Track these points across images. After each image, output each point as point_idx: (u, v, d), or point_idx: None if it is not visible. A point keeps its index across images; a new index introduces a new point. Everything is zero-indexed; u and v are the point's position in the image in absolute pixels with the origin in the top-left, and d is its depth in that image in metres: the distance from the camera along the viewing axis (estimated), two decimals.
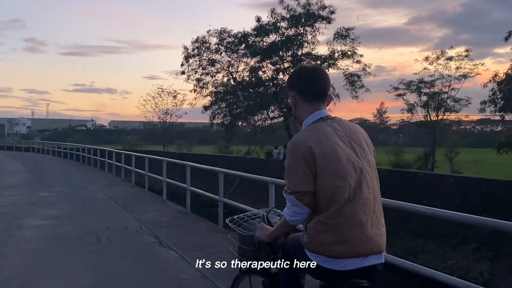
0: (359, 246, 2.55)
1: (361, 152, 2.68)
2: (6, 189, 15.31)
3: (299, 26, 33.89)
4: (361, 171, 2.61)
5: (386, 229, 2.77)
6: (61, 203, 12.58)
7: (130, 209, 11.72)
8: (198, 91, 36.93)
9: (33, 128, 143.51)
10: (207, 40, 36.08)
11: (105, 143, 66.43)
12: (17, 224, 9.54)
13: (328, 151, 2.57)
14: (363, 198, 2.58)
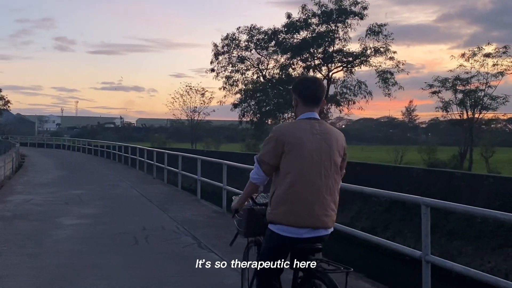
0: (306, 220, 3.27)
1: (327, 150, 3.36)
2: (40, 187, 15.25)
3: (331, 22, 33.28)
4: (318, 162, 3.32)
5: None
6: (95, 201, 12.40)
7: (165, 208, 11.47)
8: (227, 88, 36.68)
9: (63, 125, 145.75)
10: (236, 37, 35.82)
11: (133, 141, 66.79)
12: (52, 223, 9.35)
13: (296, 141, 3.30)
14: (315, 183, 3.30)
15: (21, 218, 9.74)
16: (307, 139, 3.32)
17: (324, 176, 3.33)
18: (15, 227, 8.80)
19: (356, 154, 48.32)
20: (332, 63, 33.84)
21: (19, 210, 10.69)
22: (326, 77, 34.16)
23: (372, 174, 21.32)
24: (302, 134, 3.34)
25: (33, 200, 12.22)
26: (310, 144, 3.32)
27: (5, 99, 75.34)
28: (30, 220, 9.54)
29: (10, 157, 19.45)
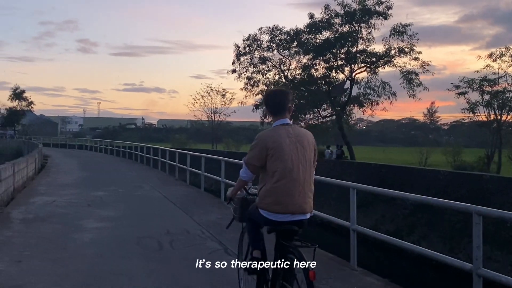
0: (289, 207, 3.96)
1: (301, 150, 4.03)
2: (63, 188, 15.14)
3: (354, 22, 32.74)
4: (297, 161, 3.99)
5: None
6: (117, 203, 12.21)
7: (189, 211, 11.21)
8: (248, 89, 36.40)
9: (85, 126, 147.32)
10: (258, 37, 35.50)
11: (153, 141, 66.99)
12: (75, 226, 9.15)
13: (276, 146, 3.98)
14: (294, 178, 3.97)
15: (43, 220, 9.56)
16: (284, 143, 4.03)
17: (302, 171, 4.05)
18: (38, 230, 8.62)
19: (378, 156, 47.73)
20: (355, 64, 33.29)
21: (42, 212, 10.53)
22: (349, 77, 33.66)
23: (397, 176, 20.80)
24: (280, 139, 4.04)
25: (56, 202, 12.07)
26: (288, 147, 4.02)
27: (28, 100, 76.30)
28: (52, 223, 9.36)
29: (33, 157, 19.41)
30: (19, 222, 9.33)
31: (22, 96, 75.60)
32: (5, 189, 11.90)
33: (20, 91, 75.62)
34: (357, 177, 21.10)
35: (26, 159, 16.84)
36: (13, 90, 75.46)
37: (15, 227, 8.85)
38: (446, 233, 16.97)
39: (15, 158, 37.20)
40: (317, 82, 34.44)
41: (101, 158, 34.67)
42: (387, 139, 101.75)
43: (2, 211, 10.46)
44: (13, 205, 11.46)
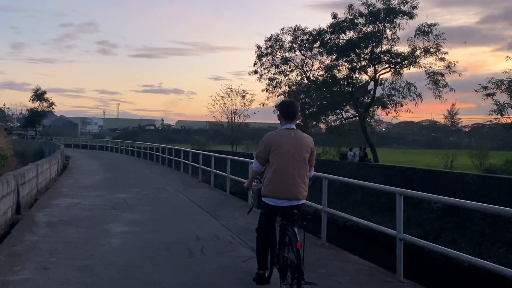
0: (284, 194, 5.02)
1: (298, 149, 5.09)
2: (86, 190, 14.89)
3: (378, 22, 32.13)
4: (293, 158, 5.06)
5: None
6: (142, 206, 11.89)
7: (216, 215, 10.83)
8: (270, 90, 35.95)
9: (105, 127, 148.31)
10: (280, 38, 35.05)
11: (172, 142, 66.97)
12: (101, 230, 8.83)
13: (277, 144, 5.08)
14: (289, 171, 5.04)
15: (68, 224, 9.26)
16: (284, 143, 5.11)
17: (296, 167, 5.09)
18: (63, 235, 8.30)
19: (398, 158, 46.93)
20: (379, 64, 32.66)
21: (66, 215, 10.24)
22: (372, 78, 33.05)
23: (423, 179, 20.21)
24: (281, 139, 5.14)
25: (80, 204, 11.79)
26: (286, 146, 5.09)
27: (49, 101, 76.89)
28: (77, 227, 9.04)
29: (56, 158, 19.26)
30: (44, 225, 9.03)
31: (43, 97, 76.21)
32: (29, 191, 11.66)
33: (41, 92, 76.24)
34: (381, 180, 20.55)
35: (49, 160, 16.66)
36: (34, 91, 76.17)
37: (40, 231, 8.55)
38: (474, 238, 16.39)
39: (36, 158, 37.34)
40: (340, 83, 33.87)
41: (122, 159, 34.57)
42: (407, 141, 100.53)
43: (26, 213, 10.20)
44: (36, 207, 11.20)
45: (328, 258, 7.33)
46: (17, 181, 9.97)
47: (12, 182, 9.42)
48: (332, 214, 8.74)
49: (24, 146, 46.07)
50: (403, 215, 6.41)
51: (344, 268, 6.83)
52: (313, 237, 8.90)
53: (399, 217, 6.38)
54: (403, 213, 6.45)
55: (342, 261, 7.21)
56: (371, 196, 22.59)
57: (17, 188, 9.93)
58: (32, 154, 43.02)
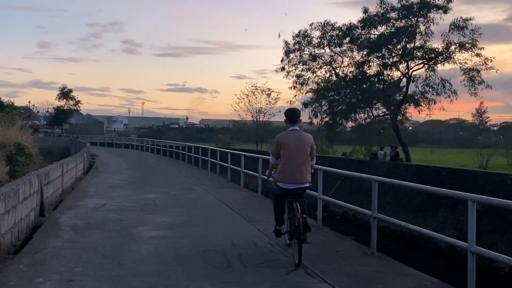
0: (292, 180, 6.76)
1: (301, 146, 6.81)
2: (113, 189, 14.33)
3: (411, 16, 30.98)
4: (297, 152, 6.76)
5: None
6: (171, 208, 11.24)
7: (250, 218, 10.12)
8: (298, 88, 35.05)
9: (130, 125, 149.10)
10: (309, 33, 34.12)
11: (196, 141, 66.59)
12: (129, 235, 8.17)
13: (285, 142, 6.80)
14: (296, 162, 6.74)
15: (95, 228, 8.63)
16: (290, 141, 6.83)
17: (301, 158, 6.81)
18: (89, 240, 7.67)
19: (427, 157, 45.48)
20: (412, 60, 31.51)
21: (93, 217, 9.63)
22: (405, 75, 31.90)
23: (459, 180, 19.19)
24: (288, 139, 6.87)
25: (107, 205, 11.20)
26: (292, 144, 6.81)
27: (76, 99, 77.36)
28: (105, 231, 8.41)
29: (82, 157, 18.79)
30: (68, 229, 8.42)
31: (70, 95, 76.73)
32: (53, 191, 11.11)
33: (68, 90, 76.78)
34: (414, 181, 19.59)
35: (75, 158, 16.16)
36: (60, 89, 76.71)
37: (65, 235, 7.94)
38: None
39: (62, 156, 37.15)
40: (370, 80, 32.80)
41: (148, 157, 34.18)
42: (434, 140, 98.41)
43: (50, 215, 9.62)
44: (61, 208, 10.62)
45: (382, 271, 6.54)
46: (41, 181, 9.40)
47: (36, 182, 8.85)
48: (383, 221, 7.92)
49: (50, 144, 46.12)
50: (439, 217, 5.58)
51: (404, 283, 6.02)
52: (360, 245, 8.12)
53: (471, 227, 5.53)
54: (474, 223, 5.61)
55: (399, 275, 6.41)
56: (403, 196, 21.68)
57: (41, 189, 9.35)
58: (58, 152, 42.94)
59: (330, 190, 23.44)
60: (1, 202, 6.29)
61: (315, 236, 8.67)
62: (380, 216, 7.57)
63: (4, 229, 6.55)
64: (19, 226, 7.42)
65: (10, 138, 16.86)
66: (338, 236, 8.86)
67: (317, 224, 9.66)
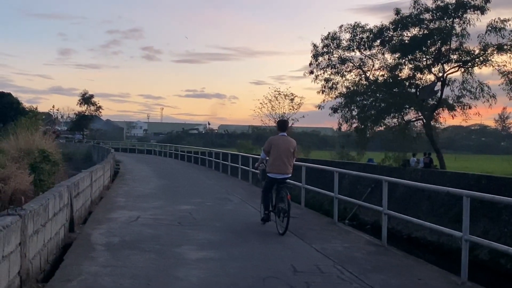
0: (280, 171, 9.29)
1: (286, 146, 9.38)
2: (143, 199, 13.30)
3: (445, 17, 29.59)
4: (284, 152, 9.33)
5: None
6: (211, 221, 10.16)
7: (302, 235, 8.98)
8: (326, 92, 33.83)
9: (149, 131, 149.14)
10: (338, 36, 32.92)
11: (216, 147, 65.64)
12: (173, 256, 7.10)
13: (275, 143, 9.42)
14: (282, 159, 9.29)
15: (132, 247, 7.57)
16: (279, 143, 9.37)
17: (286, 156, 9.29)
18: (129, 263, 6.60)
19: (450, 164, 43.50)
20: (447, 63, 30.09)
21: (127, 233, 8.57)
22: (440, 78, 30.49)
23: (502, 188, 17.82)
24: (278, 141, 9.41)
25: (141, 219, 10.15)
26: (280, 145, 9.33)
27: (97, 105, 77.09)
28: (144, 251, 7.34)
29: (109, 164, 17.85)
30: (103, 249, 7.36)
31: (91, 101, 76.45)
32: (83, 203, 10.11)
33: (89, 96, 76.53)
34: None
35: (103, 166, 15.18)
36: (82, 95, 76.51)
37: (100, 257, 6.88)
38: None
39: (85, 162, 36.48)
40: (403, 84, 31.43)
41: (171, 163, 33.26)
42: (456, 146, 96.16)
43: (81, 231, 8.58)
44: (91, 222, 9.59)
45: None
46: (71, 192, 8.39)
47: (65, 195, 7.83)
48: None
49: (72, 150, 45.57)
50: (479, 228, 4.45)
51: None
52: (442, 271, 6.93)
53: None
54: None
55: None
56: (439, 206, 20.41)
57: (71, 201, 8.34)
58: (80, 158, 42.39)
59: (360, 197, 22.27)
60: (29, 221, 5.26)
61: (385, 258, 7.52)
62: (470, 238, 6.38)
63: (33, 252, 5.52)
64: (48, 246, 6.40)
65: (33, 145, 16.00)
66: (411, 259, 7.66)
67: (381, 243, 8.49)
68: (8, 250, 4.44)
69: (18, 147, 16.48)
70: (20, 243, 4.87)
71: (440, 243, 17.78)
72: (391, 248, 8.25)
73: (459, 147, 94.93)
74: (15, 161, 15.06)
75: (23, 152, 15.92)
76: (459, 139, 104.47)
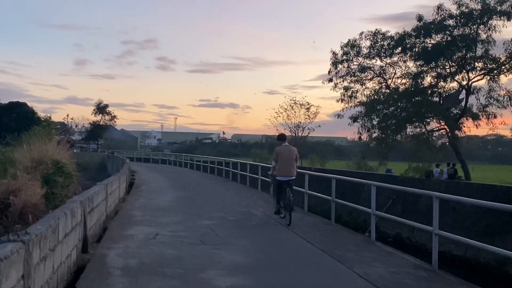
0: (286, 174, 11.45)
1: (290, 154, 11.57)
2: (161, 213, 12.46)
3: (470, 24, 28.57)
4: (288, 158, 11.52)
5: None
6: (237, 239, 9.29)
7: (339, 257, 8.05)
8: (346, 100, 32.88)
9: (163, 140, 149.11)
10: (358, 43, 32.03)
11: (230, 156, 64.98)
12: (199, 284, 6.23)
13: (281, 152, 11.60)
14: (287, 164, 11.49)
15: (152, 271, 6.71)
16: (284, 152, 11.56)
17: (291, 162, 11.48)
18: None
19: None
20: (473, 71, 29.02)
21: (146, 254, 7.72)
22: (464, 86, 29.41)
23: None
24: (283, 150, 11.59)
25: (160, 236, 9.31)
26: (285, 153, 11.53)
27: (111, 114, 76.85)
28: (166, 276, 6.49)
29: (124, 175, 17.07)
30: (120, 274, 6.51)
31: (105, 110, 76.25)
32: (97, 219, 9.28)
33: (104, 105, 76.35)
34: None
35: (118, 178, 14.38)
36: (96, 105, 76.37)
37: (117, 284, 6.03)
38: None
39: (99, 172, 35.82)
40: (425, 92, 30.38)
41: (186, 173, 32.49)
42: (472, 156, 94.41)
43: (95, 251, 7.75)
44: (107, 240, 8.76)
45: None
46: (84, 208, 7.57)
47: (78, 212, 7.01)
48: None
49: (87, 160, 45.00)
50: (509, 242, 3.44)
51: None
52: None
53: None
54: None
55: None
56: (465, 218, 19.40)
57: (84, 218, 7.52)
58: (95, 168, 41.79)
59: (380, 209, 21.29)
60: (35, 247, 4.44)
61: (439, 286, 6.58)
62: None
63: (39, 283, 4.69)
64: (58, 273, 5.56)
65: (47, 155, 15.30)
66: (458, 284, 6.71)
67: (432, 267, 7.55)
68: (8, 287, 3.62)
69: (31, 157, 15.80)
70: (23, 276, 4.04)
71: (487, 262, 16.81)
72: (443, 273, 7.30)
73: (474, 157, 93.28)
74: (27, 171, 14.36)
75: (36, 162, 15.23)
76: (475, 149, 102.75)
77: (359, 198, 20.88)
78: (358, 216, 22.63)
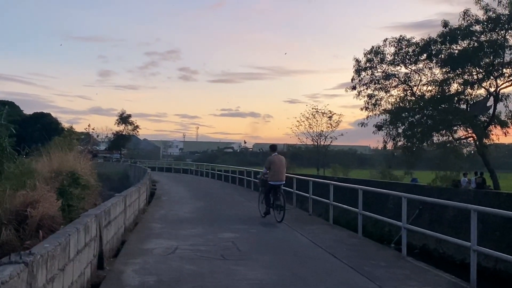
0: (277, 179, 13.51)
1: (281, 163, 13.64)
2: (181, 225, 12.10)
3: (498, 29, 27.79)
4: (279, 166, 13.54)
5: None
6: (259, 255, 8.84)
7: (369, 274, 7.54)
8: (370, 108, 32.24)
9: (185, 150, 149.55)
10: (382, 50, 31.41)
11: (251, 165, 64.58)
12: None
13: (273, 161, 13.58)
14: (278, 171, 13.50)
15: None
16: (276, 160, 13.57)
17: (281, 169, 13.50)
18: None
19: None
20: (501, 77, 28.18)
21: (165, 271, 7.34)
22: (492, 93, 28.57)
23: None
24: (275, 159, 13.60)
25: (179, 250, 8.92)
26: (277, 161, 13.55)
27: (134, 124, 77.28)
28: None
29: (145, 186, 16.79)
30: None
31: (128, 120, 76.71)
32: (115, 232, 8.94)
33: (126, 116, 76.84)
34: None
35: (138, 188, 14.08)
36: (119, 115, 76.90)
37: None
38: None
39: (121, 182, 35.72)
40: (453, 99, 29.59)
41: (208, 183, 32.20)
42: (496, 164, 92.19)
43: (111, 267, 7.39)
44: (124, 255, 8.40)
45: None
46: (100, 222, 7.23)
47: (93, 226, 6.67)
48: None
49: (109, 169, 45.09)
50: None
51: None
52: None
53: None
54: None
55: None
56: (494, 229, 18.60)
57: (100, 233, 7.18)
58: (117, 178, 41.83)
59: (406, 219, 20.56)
60: (40, 269, 4.08)
61: None
62: None
63: None
64: None
65: (67, 165, 15.09)
66: None
67: (470, 286, 6.99)
68: None
69: (51, 167, 15.61)
70: None
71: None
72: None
73: (501, 165, 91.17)
74: (46, 182, 14.16)
75: (55, 173, 15.02)
76: (501, 157, 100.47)
77: (384, 208, 20.27)
78: (383, 226, 21.99)
